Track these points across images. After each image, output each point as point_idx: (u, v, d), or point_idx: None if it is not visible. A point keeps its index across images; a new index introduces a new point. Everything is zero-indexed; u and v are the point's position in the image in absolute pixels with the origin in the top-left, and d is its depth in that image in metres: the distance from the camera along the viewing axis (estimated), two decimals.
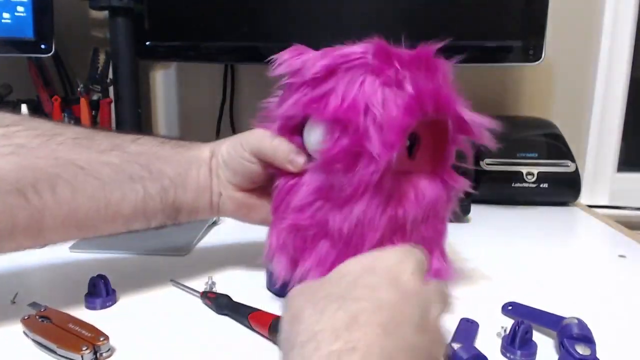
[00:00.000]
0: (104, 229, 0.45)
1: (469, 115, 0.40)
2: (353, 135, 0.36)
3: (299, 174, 0.42)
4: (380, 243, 0.39)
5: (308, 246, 0.40)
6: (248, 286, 0.50)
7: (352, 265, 0.31)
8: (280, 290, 0.46)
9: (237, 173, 0.48)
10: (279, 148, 0.43)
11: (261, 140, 0.45)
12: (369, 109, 0.37)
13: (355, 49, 0.38)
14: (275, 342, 0.39)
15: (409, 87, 0.37)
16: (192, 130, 1.06)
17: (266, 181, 0.47)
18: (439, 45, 0.40)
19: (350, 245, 0.39)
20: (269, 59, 0.42)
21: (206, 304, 0.46)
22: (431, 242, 0.44)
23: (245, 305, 0.43)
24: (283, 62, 0.41)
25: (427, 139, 0.40)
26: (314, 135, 0.40)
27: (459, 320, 0.42)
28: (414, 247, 0.34)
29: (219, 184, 0.49)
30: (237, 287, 0.50)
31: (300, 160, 0.42)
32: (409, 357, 0.26)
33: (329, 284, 0.30)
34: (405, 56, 0.39)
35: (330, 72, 0.38)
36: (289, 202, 0.41)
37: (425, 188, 0.41)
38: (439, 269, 0.44)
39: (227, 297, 0.45)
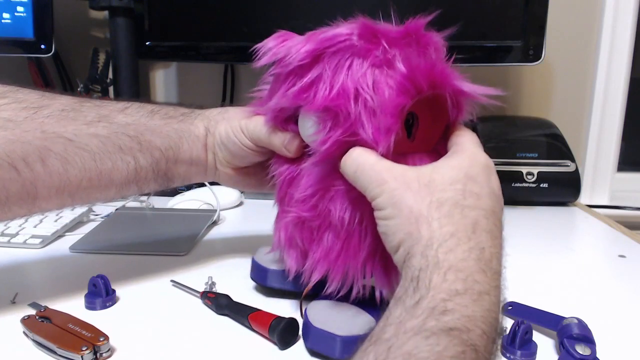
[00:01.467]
0: (97, 196, 0.45)
1: (468, 87, 0.37)
2: (345, 123, 0.35)
3: (299, 160, 0.42)
4: None
5: (315, 237, 0.39)
6: (248, 286, 0.50)
7: (455, 172, 0.34)
8: (262, 280, 0.47)
9: (235, 156, 0.48)
10: (274, 135, 0.43)
11: (260, 128, 0.44)
12: (359, 93, 0.35)
13: (340, 31, 0.37)
14: (275, 342, 0.39)
15: (400, 66, 0.35)
16: None
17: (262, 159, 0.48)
18: (428, 18, 0.38)
19: (353, 234, 0.38)
20: (253, 47, 0.40)
21: (206, 304, 0.46)
22: None
23: (245, 306, 0.43)
24: (267, 50, 0.39)
25: (425, 117, 0.38)
26: (307, 126, 0.39)
27: None
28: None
29: (215, 160, 0.50)
30: (237, 287, 0.50)
31: (295, 146, 0.42)
32: (500, 249, 0.32)
33: (440, 188, 0.33)
34: (393, 33, 0.37)
35: (315, 58, 0.37)
36: (292, 194, 0.41)
37: None
38: None
39: (227, 297, 0.45)
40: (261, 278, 0.47)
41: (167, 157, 0.47)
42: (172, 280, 0.50)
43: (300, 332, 0.40)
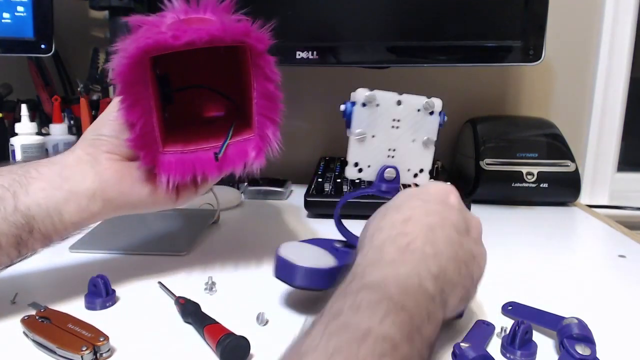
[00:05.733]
0: None
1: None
2: None
3: None
4: None
5: None
6: (249, 286, 0.50)
7: (411, 189, 0.42)
8: (290, 279, 0.43)
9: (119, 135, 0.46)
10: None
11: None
12: None
13: None
14: (219, 357, 0.37)
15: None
16: None
17: None
18: None
19: None
20: None
21: (177, 309, 0.44)
22: None
23: (206, 317, 0.42)
24: None
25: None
26: None
27: (474, 321, 0.42)
28: None
29: (94, 159, 0.45)
30: (237, 287, 0.50)
31: None
32: (450, 248, 0.35)
33: (392, 202, 0.40)
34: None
35: None
36: None
37: None
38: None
39: (196, 305, 0.44)
40: (289, 277, 0.43)
41: (14, 191, 0.41)
42: (159, 282, 0.50)
43: (250, 352, 0.38)
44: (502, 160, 0.82)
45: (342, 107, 0.46)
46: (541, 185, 0.80)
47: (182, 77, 0.56)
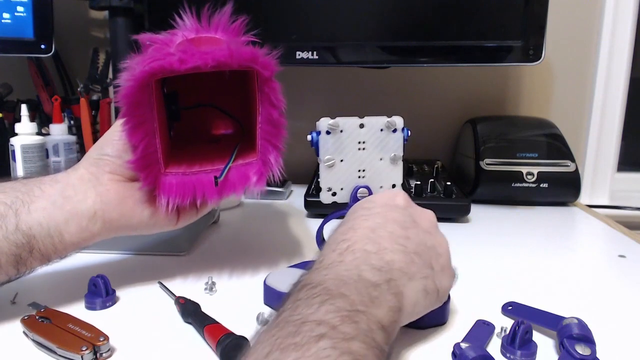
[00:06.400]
0: None
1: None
2: None
3: None
4: None
5: None
6: (248, 286, 0.50)
7: (359, 202, 0.43)
8: (275, 304, 0.45)
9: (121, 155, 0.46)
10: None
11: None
12: None
13: None
14: (218, 357, 0.37)
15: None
16: None
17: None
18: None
19: None
20: None
21: (177, 309, 0.44)
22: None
23: (206, 316, 0.42)
24: None
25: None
26: None
27: (474, 321, 0.42)
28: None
29: (96, 179, 0.45)
30: (237, 287, 0.50)
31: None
32: (395, 244, 0.36)
33: (342, 221, 0.42)
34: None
35: None
36: None
37: None
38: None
39: (196, 305, 0.44)
40: (278, 303, 0.45)
41: (16, 209, 0.42)
42: (159, 282, 0.50)
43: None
44: (502, 160, 0.82)
45: (309, 137, 0.49)
46: (541, 185, 0.80)
47: (192, 94, 0.55)
